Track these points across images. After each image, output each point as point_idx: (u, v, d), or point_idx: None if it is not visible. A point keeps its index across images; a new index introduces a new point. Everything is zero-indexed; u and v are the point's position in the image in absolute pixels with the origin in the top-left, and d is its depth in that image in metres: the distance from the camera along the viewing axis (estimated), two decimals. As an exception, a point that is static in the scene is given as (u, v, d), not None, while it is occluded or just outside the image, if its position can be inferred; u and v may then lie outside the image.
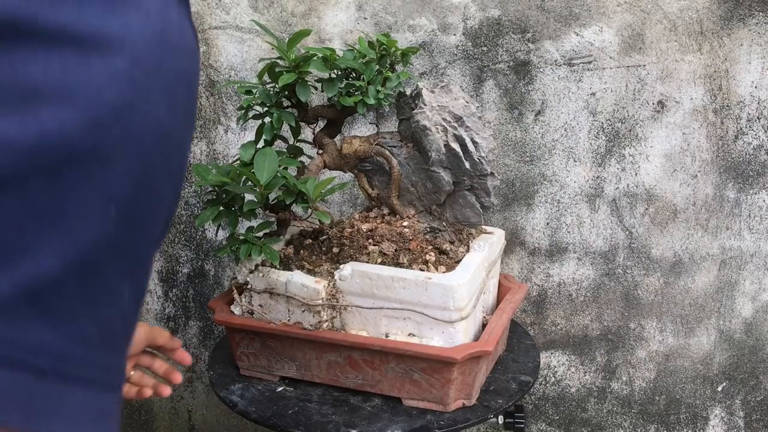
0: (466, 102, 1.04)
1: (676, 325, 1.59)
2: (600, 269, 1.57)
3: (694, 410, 1.64)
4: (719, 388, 1.63)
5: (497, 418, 1.15)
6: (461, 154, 1.01)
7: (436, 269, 1.02)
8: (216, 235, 1.65)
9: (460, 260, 1.05)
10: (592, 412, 1.67)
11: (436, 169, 1.05)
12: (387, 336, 1.01)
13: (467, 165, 1.02)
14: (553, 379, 1.66)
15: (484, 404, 1.04)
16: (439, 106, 1.03)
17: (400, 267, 1.02)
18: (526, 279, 1.59)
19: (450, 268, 1.03)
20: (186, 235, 1.66)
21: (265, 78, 1.08)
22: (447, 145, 1.02)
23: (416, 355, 0.98)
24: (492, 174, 1.04)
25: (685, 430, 1.66)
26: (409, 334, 1.01)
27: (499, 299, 1.21)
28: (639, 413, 1.66)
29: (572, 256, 1.56)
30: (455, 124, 1.02)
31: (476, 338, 1.05)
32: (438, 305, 0.98)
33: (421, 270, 1.02)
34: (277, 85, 1.05)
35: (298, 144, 1.17)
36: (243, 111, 1.09)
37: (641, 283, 1.56)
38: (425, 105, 1.05)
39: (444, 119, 1.03)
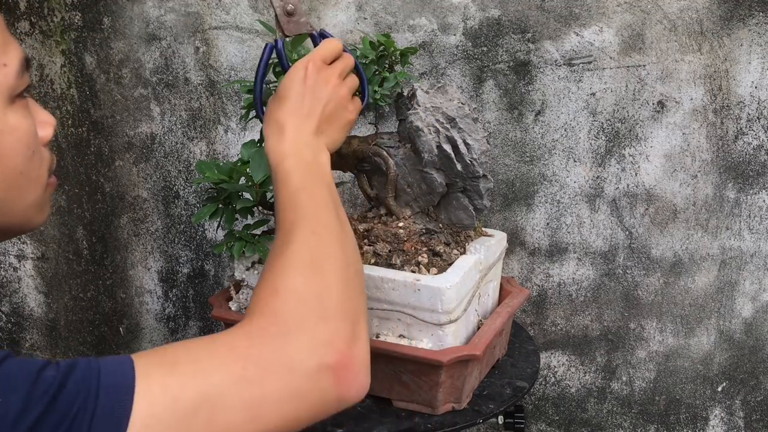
0: (461, 103, 1.04)
1: (676, 325, 1.59)
2: (600, 269, 1.56)
3: (694, 410, 1.64)
4: (719, 388, 1.63)
5: (497, 418, 1.15)
6: (453, 155, 1.01)
7: (428, 271, 1.02)
8: (215, 235, 1.66)
9: (453, 263, 1.05)
10: (592, 412, 1.67)
11: (429, 171, 1.05)
12: (378, 336, 1.01)
13: (459, 167, 1.02)
14: (553, 379, 1.66)
15: (474, 408, 1.04)
16: (432, 107, 1.02)
17: (393, 268, 1.02)
18: (526, 279, 1.59)
19: (442, 270, 1.02)
20: (186, 235, 1.66)
21: (269, 77, 1.08)
22: (439, 147, 1.02)
23: (404, 356, 0.98)
24: (485, 176, 1.04)
25: (685, 430, 1.66)
26: (400, 336, 1.01)
27: (500, 303, 1.20)
28: (639, 413, 1.66)
29: (572, 256, 1.56)
30: (448, 126, 1.02)
31: (468, 342, 1.05)
32: (426, 307, 0.98)
33: (413, 272, 1.02)
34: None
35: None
36: (245, 110, 1.09)
37: (641, 283, 1.56)
38: (419, 106, 1.04)
39: (437, 120, 1.03)
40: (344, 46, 0.91)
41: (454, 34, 1.46)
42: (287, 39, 0.95)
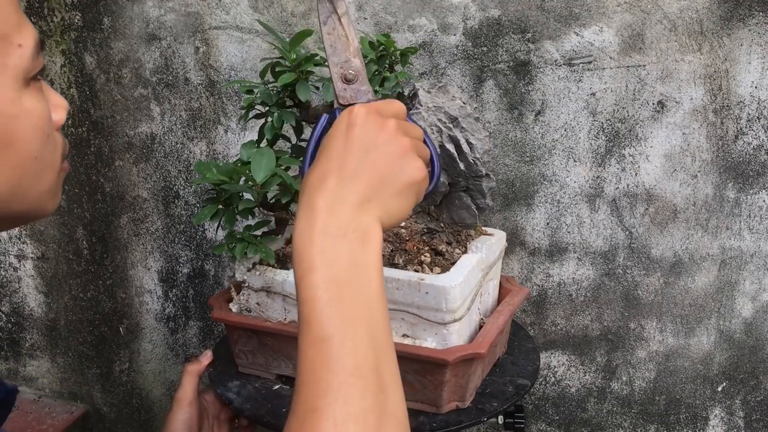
0: (463, 102, 1.04)
1: (676, 325, 1.59)
2: (600, 269, 1.57)
3: (694, 410, 1.64)
4: (719, 388, 1.63)
5: (497, 418, 1.15)
6: (456, 155, 1.01)
7: (431, 270, 1.02)
8: (216, 235, 1.66)
9: (456, 261, 1.05)
10: (592, 412, 1.67)
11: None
12: (381, 336, 1.01)
13: (462, 166, 1.02)
14: (553, 379, 1.66)
15: (478, 407, 1.04)
16: (435, 106, 1.02)
17: (395, 268, 1.02)
18: (526, 279, 1.59)
19: (445, 269, 1.03)
20: (186, 235, 1.66)
21: (268, 77, 1.09)
22: (442, 146, 1.02)
23: (408, 355, 0.97)
24: (487, 175, 1.04)
25: (685, 430, 1.66)
26: (403, 335, 1.01)
27: (499, 302, 1.20)
28: (639, 413, 1.66)
29: (572, 256, 1.56)
30: (450, 125, 1.02)
31: (471, 340, 1.05)
32: (431, 306, 0.98)
33: (416, 271, 1.02)
34: (278, 85, 1.05)
35: (301, 144, 1.17)
36: (245, 110, 1.09)
37: (641, 283, 1.56)
38: (421, 105, 1.05)
39: (439, 120, 1.03)
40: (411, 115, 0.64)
41: (454, 34, 1.46)
42: (344, 108, 0.76)
